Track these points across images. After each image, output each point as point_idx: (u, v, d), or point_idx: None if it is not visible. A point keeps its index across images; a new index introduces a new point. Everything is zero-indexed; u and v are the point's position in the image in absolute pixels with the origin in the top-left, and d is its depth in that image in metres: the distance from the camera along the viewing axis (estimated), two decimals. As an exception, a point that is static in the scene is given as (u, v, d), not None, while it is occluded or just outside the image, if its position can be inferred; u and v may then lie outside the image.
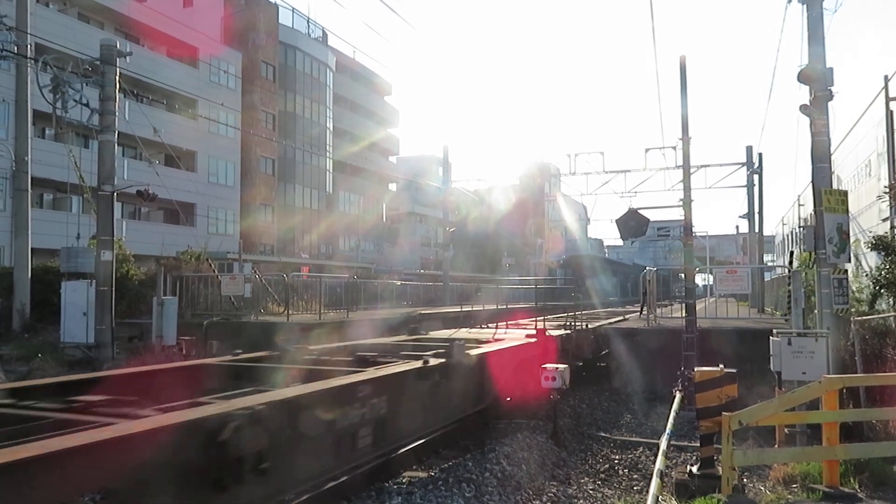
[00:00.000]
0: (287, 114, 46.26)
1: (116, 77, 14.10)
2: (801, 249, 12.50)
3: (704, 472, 6.39)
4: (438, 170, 31.98)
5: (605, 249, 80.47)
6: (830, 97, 9.18)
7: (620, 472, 7.89)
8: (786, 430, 7.36)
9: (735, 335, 12.61)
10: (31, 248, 18.56)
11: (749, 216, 27.47)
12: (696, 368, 6.94)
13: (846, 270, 10.39)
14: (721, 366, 6.62)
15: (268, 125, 43.95)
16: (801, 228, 15.07)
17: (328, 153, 48.96)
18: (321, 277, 20.48)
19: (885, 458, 6.33)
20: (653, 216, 24.73)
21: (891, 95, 15.83)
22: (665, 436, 6.72)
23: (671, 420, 7.32)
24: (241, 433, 4.07)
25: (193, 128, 35.65)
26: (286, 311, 15.75)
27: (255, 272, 18.40)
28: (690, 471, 6.57)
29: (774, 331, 8.00)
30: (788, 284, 11.80)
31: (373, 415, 5.62)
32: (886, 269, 11.36)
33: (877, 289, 11.89)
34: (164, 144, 22.41)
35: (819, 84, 9.13)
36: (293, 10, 53.26)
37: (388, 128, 62.60)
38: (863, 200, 19.39)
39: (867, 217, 19.03)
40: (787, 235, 34.30)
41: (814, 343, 7.51)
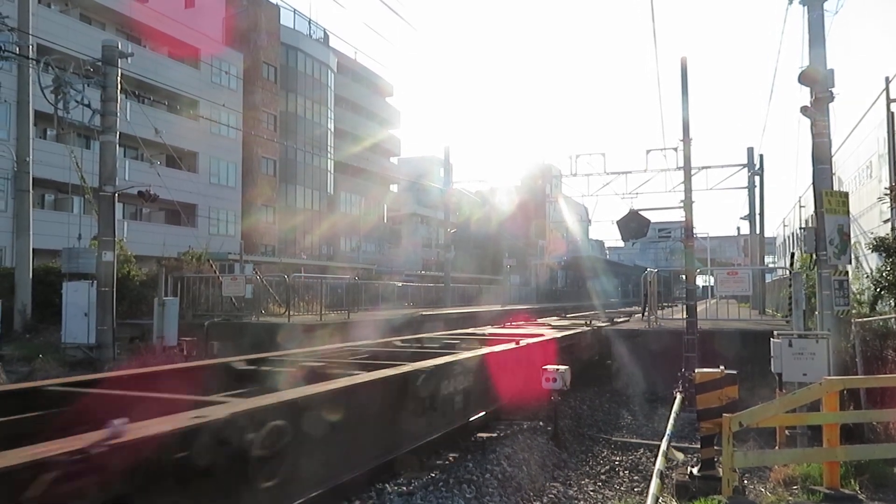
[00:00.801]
0: (288, 114, 46.28)
1: (118, 78, 14.13)
2: (802, 251, 12.48)
3: (705, 474, 6.38)
4: (440, 171, 31.96)
5: (607, 251, 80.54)
6: (831, 99, 9.16)
7: (621, 474, 7.87)
8: (786, 432, 7.35)
9: (736, 337, 12.56)
10: (33, 249, 18.61)
11: (750, 218, 27.48)
12: (697, 370, 6.93)
13: (847, 272, 10.39)
14: (722, 367, 6.60)
15: (269, 126, 43.97)
16: (802, 230, 15.05)
17: (329, 154, 48.96)
18: (322, 278, 20.50)
19: (886, 460, 6.33)
20: (654, 217, 24.77)
21: (892, 97, 15.84)
22: (665, 437, 6.72)
23: (671, 421, 7.32)
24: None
25: (195, 128, 35.67)
26: (287, 312, 15.77)
27: (257, 273, 18.45)
28: (691, 472, 6.57)
29: (775, 332, 7.99)
30: (789, 286, 11.78)
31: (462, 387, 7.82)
32: (887, 271, 11.37)
33: (878, 290, 11.90)
34: (166, 145, 22.42)
35: (820, 86, 9.11)
36: (295, 11, 53.33)
37: (390, 129, 62.62)
38: (864, 202, 19.41)
39: (868, 218, 19.04)
40: (789, 237, 34.32)
41: (815, 345, 7.50)
